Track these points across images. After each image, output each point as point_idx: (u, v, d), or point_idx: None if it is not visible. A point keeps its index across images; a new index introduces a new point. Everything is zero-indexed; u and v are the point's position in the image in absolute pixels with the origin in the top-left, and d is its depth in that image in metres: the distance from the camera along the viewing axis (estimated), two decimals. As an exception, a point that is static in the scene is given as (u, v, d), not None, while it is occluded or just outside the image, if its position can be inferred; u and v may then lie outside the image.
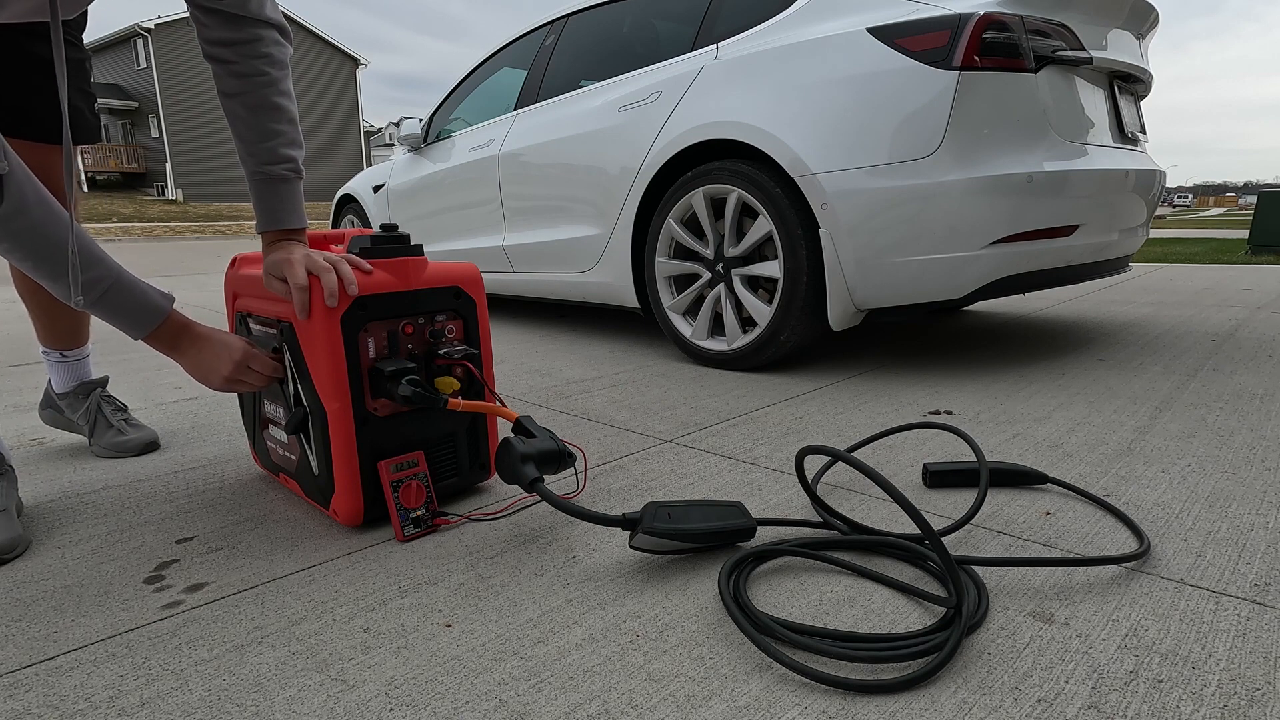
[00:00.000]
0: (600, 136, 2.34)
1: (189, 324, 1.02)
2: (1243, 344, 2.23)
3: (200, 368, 1.02)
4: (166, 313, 0.99)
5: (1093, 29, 1.91)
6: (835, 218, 1.76)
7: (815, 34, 1.86)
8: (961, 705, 0.64)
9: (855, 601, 0.82)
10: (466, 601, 0.84)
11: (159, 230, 18.82)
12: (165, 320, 0.99)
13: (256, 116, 1.00)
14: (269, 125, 1.00)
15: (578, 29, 2.70)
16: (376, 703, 0.66)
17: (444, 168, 3.12)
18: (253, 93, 0.99)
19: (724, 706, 0.65)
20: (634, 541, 0.90)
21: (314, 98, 30.51)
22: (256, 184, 1.02)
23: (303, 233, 1.06)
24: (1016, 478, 1.14)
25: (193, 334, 1.02)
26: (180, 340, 1.01)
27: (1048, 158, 1.75)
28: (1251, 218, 7.70)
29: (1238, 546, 0.92)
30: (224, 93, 1.00)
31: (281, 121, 1.01)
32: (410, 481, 1.01)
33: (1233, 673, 0.68)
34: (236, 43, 0.97)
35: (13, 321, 3.45)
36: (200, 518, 1.10)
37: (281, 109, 1.01)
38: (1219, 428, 1.41)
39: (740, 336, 2.00)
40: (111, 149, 27.98)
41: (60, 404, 1.44)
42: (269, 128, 1.00)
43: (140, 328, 0.97)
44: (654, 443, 1.41)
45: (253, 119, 1.00)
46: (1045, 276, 1.89)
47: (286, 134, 1.02)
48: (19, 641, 0.77)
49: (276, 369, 1.06)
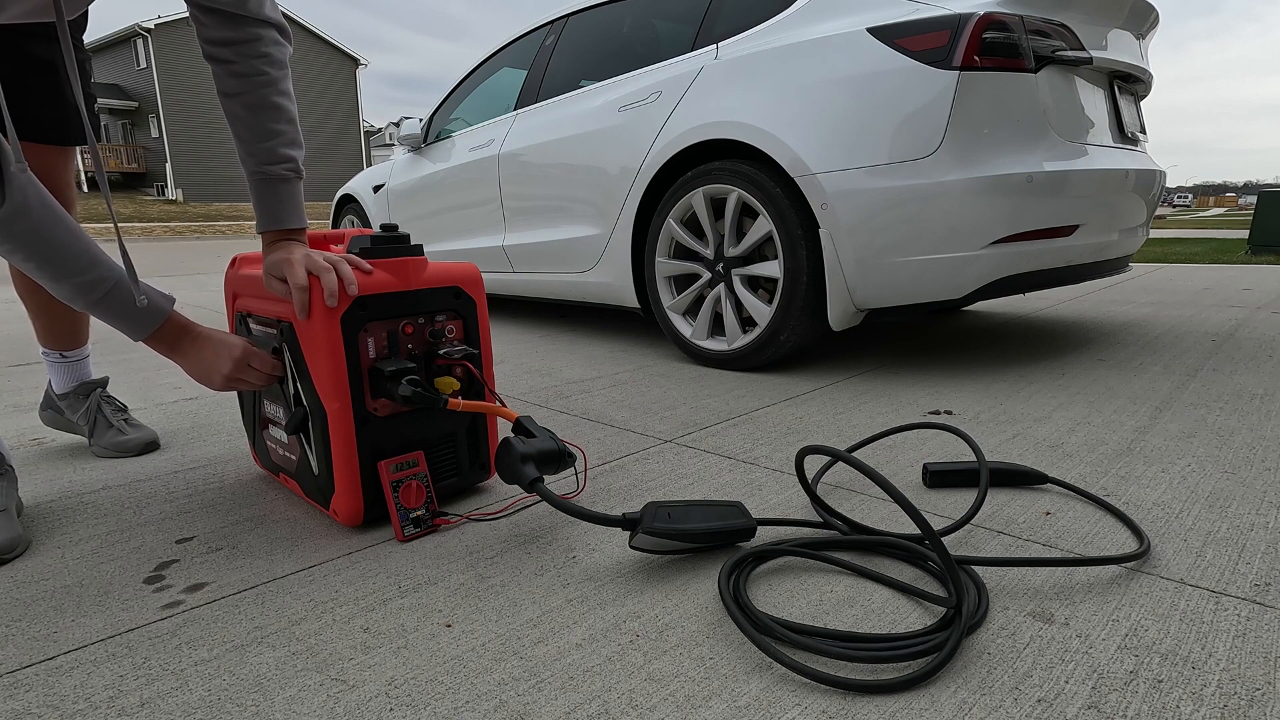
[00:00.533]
0: (600, 136, 2.34)
1: (189, 325, 1.02)
2: (1243, 344, 2.23)
3: (200, 368, 1.02)
4: (167, 314, 1.00)
5: (1093, 29, 1.91)
6: (835, 218, 1.76)
7: (815, 34, 1.86)
8: (961, 705, 0.64)
9: (855, 601, 0.82)
10: (466, 601, 0.84)
11: (159, 230, 18.82)
12: (166, 321, 1.00)
13: (256, 116, 1.00)
14: (268, 125, 1.00)
15: (578, 29, 2.70)
16: (376, 703, 0.66)
17: (444, 168, 3.12)
18: (252, 92, 0.99)
19: (724, 706, 0.65)
20: (634, 541, 0.90)
21: (314, 98, 30.51)
22: (256, 184, 1.02)
23: (303, 232, 1.06)
24: (1016, 478, 1.14)
25: (193, 335, 1.02)
26: (180, 341, 1.01)
27: (1048, 158, 1.75)
28: (1251, 218, 7.70)
29: (1238, 546, 0.92)
30: (224, 93, 1.00)
31: (281, 121, 1.01)
32: (410, 481, 1.01)
33: (1233, 673, 0.68)
34: (236, 42, 0.97)
35: (13, 321, 3.45)
36: (200, 518, 1.10)
37: (281, 109, 1.01)
38: (1219, 428, 1.41)
39: (740, 336, 2.00)
40: (111, 149, 27.97)
41: (60, 405, 1.44)
42: (268, 128, 1.00)
43: (141, 329, 0.97)
44: (654, 443, 1.41)
45: (252, 119, 1.00)
46: (1045, 276, 1.89)
47: (286, 134, 1.02)
48: (19, 641, 0.77)
49: (277, 367, 1.06)
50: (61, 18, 0.85)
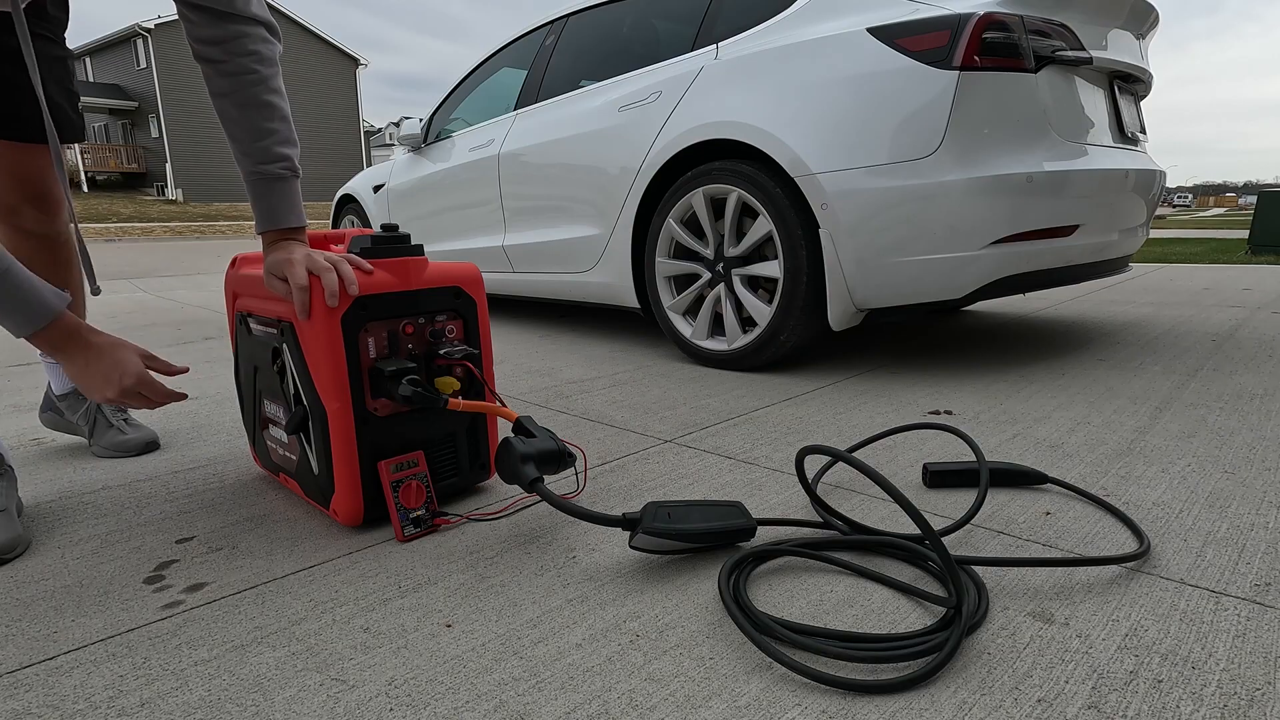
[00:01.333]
0: (600, 136, 2.34)
1: (81, 328, 0.95)
2: (1243, 344, 2.23)
3: (85, 378, 0.95)
4: (58, 312, 0.92)
5: (1093, 29, 1.91)
6: (835, 218, 1.76)
7: (815, 34, 1.86)
8: (961, 705, 0.64)
9: (855, 601, 0.82)
10: (466, 601, 0.84)
11: (159, 230, 18.82)
12: (55, 320, 0.92)
13: (248, 115, 0.99)
14: (261, 124, 1.00)
15: (578, 29, 2.70)
16: (376, 703, 0.66)
17: (444, 168, 3.12)
18: (243, 91, 0.98)
19: (724, 706, 0.65)
20: (634, 541, 0.90)
21: (314, 98, 30.50)
22: (254, 184, 1.02)
23: (302, 231, 1.05)
24: (1016, 478, 1.14)
25: (83, 341, 0.95)
26: (68, 345, 0.94)
27: (1048, 158, 1.75)
28: (1251, 218, 7.70)
29: (1238, 546, 0.92)
30: (215, 93, 0.99)
31: (274, 119, 1.01)
32: (410, 481, 1.01)
33: (1233, 673, 0.68)
34: (224, 40, 0.96)
35: (13, 321, 3.44)
36: (200, 518, 1.10)
37: (273, 106, 1.01)
38: (1219, 428, 1.41)
39: (740, 336, 2.00)
40: (111, 149, 27.98)
41: (60, 406, 1.44)
42: (261, 126, 1.00)
43: (25, 325, 0.90)
44: (654, 443, 1.41)
45: (245, 118, 0.99)
46: (1045, 276, 1.89)
47: (280, 132, 1.02)
48: (19, 641, 0.77)
49: (169, 396, 1.01)
50: (16, 4, 0.83)
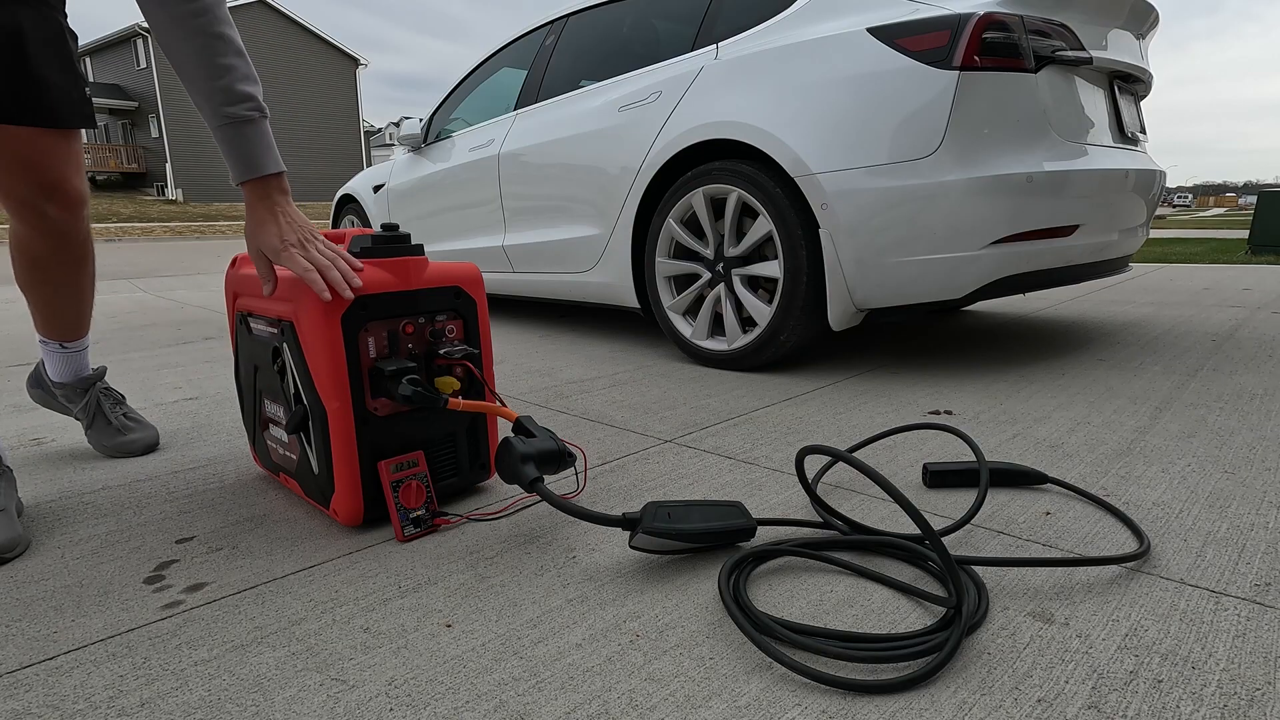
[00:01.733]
0: (600, 136, 2.34)
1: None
2: (1243, 344, 2.23)
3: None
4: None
5: (1093, 29, 1.91)
6: (835, 218, 1.76)
7: (815, 34, 1.86)
8: (961, 705, 0.64)
9: (855, 601, 0.82)
10: (466, 601, 0.84)
11: (159, 230, 18.82)
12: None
13: (200, 53, 0.95)
14: (216, 60, 0.96)
15: (578, 29, 2.70)
16: (376, 703, 0.66)
17: (444, 168, 3.12)
18: (188, 21, 0.95)
19: (724, 706, 0.65)
20: (634, 541, 0.90)
21: (314, 98, 30.51)
22: (222, 133, 0.98)
23: (282, 178, 1.02)
24: (1016, 478, 1.14)
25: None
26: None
27: (1048, 158, 1.75)
28: (1251, 218, 7.71)
29: (1238, 546, 0.92)
30: (159, 30, 0.96)
31: (229, 54, 0.97)
32: (410, 481, 1.01)
33: (1233, 673, 0.68)
34: None
35: (13, 321, 3.44)
36: (200, 518, 1.10)
37: (226, 38, 0.97)
38: (1219, 428, 1.41)
39: (740, 336, 2.00)
40: (111, 149, 27.97)
41: (55, 391, 1.43)
42: (216, 63, 0.96)
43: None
44: (654, 443, 1.41)
45: (196, 55, 0.95)
46: (1045, 276, 1.89)
47: (238, 68, 0.98)
48: (19, 641, 0.77)
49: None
50: None
